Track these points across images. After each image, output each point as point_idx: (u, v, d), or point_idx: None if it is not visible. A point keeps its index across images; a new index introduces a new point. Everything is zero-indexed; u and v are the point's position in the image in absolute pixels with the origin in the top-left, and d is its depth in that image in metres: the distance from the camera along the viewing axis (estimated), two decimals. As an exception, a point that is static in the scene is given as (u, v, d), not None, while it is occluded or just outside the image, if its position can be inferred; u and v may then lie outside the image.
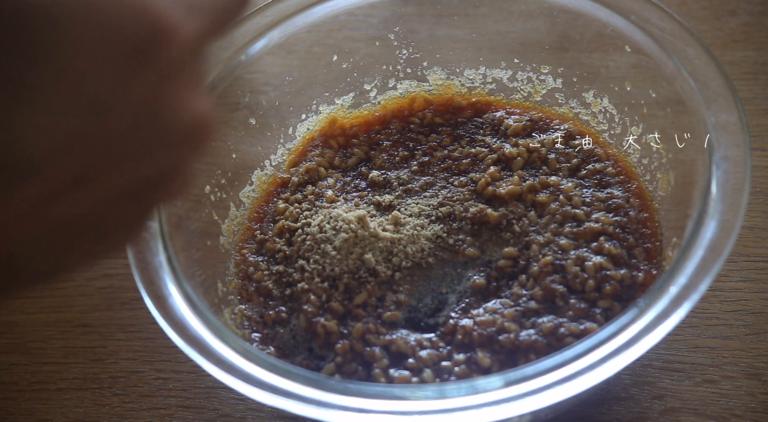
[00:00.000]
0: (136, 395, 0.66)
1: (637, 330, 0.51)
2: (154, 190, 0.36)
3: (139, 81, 0.32)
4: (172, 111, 0.34)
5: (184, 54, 0.33)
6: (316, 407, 0.50)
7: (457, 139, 0.71)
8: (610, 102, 0.70)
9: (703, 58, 0.61)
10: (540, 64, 0.73)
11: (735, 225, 0.54)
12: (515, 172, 0.67)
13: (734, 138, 0.57)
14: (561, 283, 0.60)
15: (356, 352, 0.59)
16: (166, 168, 0.35)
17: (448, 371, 0.58)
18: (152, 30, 0.32)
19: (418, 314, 0.62)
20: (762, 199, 0.71)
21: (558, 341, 0.58)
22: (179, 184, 0.37)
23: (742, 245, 0.68)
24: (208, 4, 0.35)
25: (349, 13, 0.72)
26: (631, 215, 0.64)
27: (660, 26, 0.63)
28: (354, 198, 0.68)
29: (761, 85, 0.78)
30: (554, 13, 0.70)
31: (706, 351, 0.64)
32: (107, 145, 0.32)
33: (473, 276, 0.62)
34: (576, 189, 0.66)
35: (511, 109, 0.72)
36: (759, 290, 0.66)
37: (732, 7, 0.83)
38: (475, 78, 0.74)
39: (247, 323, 0.62)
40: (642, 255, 0.62)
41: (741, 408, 0.61)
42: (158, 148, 0.34)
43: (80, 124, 0.31)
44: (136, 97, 0.32)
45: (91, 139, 0.32)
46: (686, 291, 0.52)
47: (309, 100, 0.73)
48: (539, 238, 0.63)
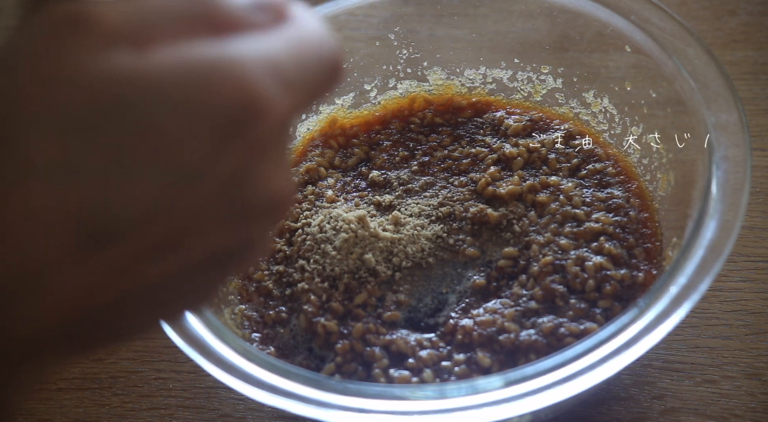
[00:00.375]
0: (136, 395, 0.66)
1: (637, 330, 0.51)
2: (229, 261, 0.36)
3: (231, 153, 0.32)
4: (259, 185, 0.34)
5: (275, 128, 0.34)
6: (316, 407, 0.50)
7: (457, 139, 0.71)
8: (610, 102, 0.70)
9: (703, 58, 0.61)
10: (540, 64, 0.73)
11: (735, 225, 0.54)
12: (515, 172, 0.67)
13: (734, 138, 0.57)
14: (561, 283, 0.60)
15: (356, 352, 0.59)
16: (244, 239, 0.36)
17: (448, 371, 0.58)
18: (249, 104, 0.32)
19: (418, 314, 0.62)
20: (762, 198, 0.71)
21: (558, 341, 0.58)
22: (253, 255, 0.37)
23: (742, 245, 0.68)
24: (304, 80, 0.35)
25: (349, 13, 0.72)
26: (631, 215, 0.64)
27: (660, 26, 0.63)
28: (354, 198, 0.68)
29: (761, 85, 0.78)
30: (554, 13, 0.70)
31: (706, 351, 0.64)
32: (193, 213, 0.33)
33: (473, 276, 0.62)
34: (576, 189, 0.66)
35: (511, 109, 0.72)
36: (759, 290, 0.66)
37: (732, 7, 0.83)
38: (475, 78, 0.74)
39: (247, 323, 0.62)
40: (642, 255, 0.62)
41: (741, 408, 0.61)
42: (241, 220, 0.35)
43: (170, 190, 0.32)
44: (226, 168, 0.33)
45: (179, 207, 0.32)
46: (686, 291, 0.52)
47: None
48: (539, 238, 0.63)
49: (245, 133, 0.32)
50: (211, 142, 0.32)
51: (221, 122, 0.32)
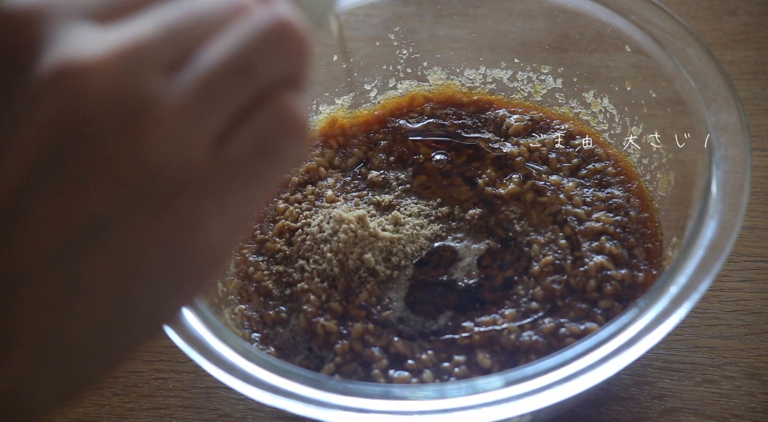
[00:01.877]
0: (136, 395, 0.66)
1: (637, 330, 0.51)
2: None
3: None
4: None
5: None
6: (316, 407, 0.50)
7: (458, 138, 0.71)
8: (610, 102, 0.70)
9: (703, 58, 0.61)
10: (540, 64, 0.73)
11: (735, 225, 0.54)
12: (515, 171, 0.67)
13: (734, 138, 0.57)
14: (561, 283, 0.60)
15: (356, 352, 0.59)
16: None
17: (448, 372, 0.58)
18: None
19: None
20: (762, 198, 0.71)
21: (558, 341, 0.58)
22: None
23: (742, 245, 0.68)
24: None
25: (349, 13, 0.72)
26: (632, 215, 0.64)
27: (660, 26, 0.63)
28: (354, 198, 0.68)
29: (761, 85, 0.78)
30: (554, 13, 0.70)
31: (706, 351, 0.64)
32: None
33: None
34: (576, 188, 0.66)
35: (512, 109, 0.72)
36: (759, 290, 0.66)
37: (732, 7, 0.83)
38: (475, 78, 0.74)
39: (247, 323, 0.62)
40: (642, 255, 0.62)
41: (741, 408, 0.61)
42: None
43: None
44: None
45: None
46: (686, 291, 0.52)
47: (309, 100, 0.73)
48: (539, 238, 0.63)
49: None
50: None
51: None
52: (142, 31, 0.32)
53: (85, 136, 0.31)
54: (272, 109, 0.33)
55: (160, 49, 0.32)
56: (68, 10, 0.32)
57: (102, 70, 0.31)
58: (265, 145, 0.33)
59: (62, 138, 0.30)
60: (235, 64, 0.32)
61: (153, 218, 0.32)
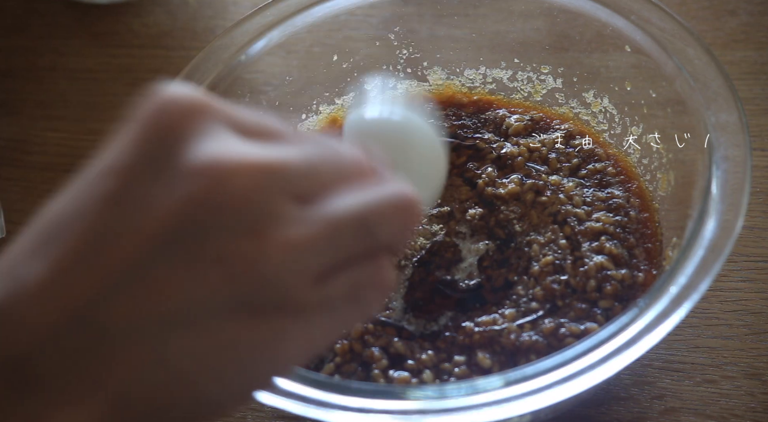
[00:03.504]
0: (136, 395, 0.66)
1: (637, 330, 0.51)
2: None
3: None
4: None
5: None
6: (316, 407, 0.50)
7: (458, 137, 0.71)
8: (610, 102, 0.70)
9: (703, 58, 0.61)
10: (540, 64, 0.73)
11: (735, 225, 0.54)
12: (515, 171, 0.67)
13: (734, 138, 0.57)
14: (561, 283, 0.60)
15: (355, 352, 0.59)
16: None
17: (448, 372, 0.58)
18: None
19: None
20: (762, 198, 0.71)
21: (558, 341, 0.58)
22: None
23: (742, 245, 0.68)
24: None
25: (349, 13, 0.72)
26: (632, 215, 0.64)
27: (660, 26, 0.63)
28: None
29: (761, 85, 0.78)
30: (554, 13, 0.70)
31: (706, 351, 0.64)
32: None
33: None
34: (576, 188, 0.66)
35: (512, 109, 0.72)
36: (759, 290, 0.66)
37: (732, 7, 0.83)
38: (475, 78, 0.74)
39: (247, 323, 0.62)
40: (642, 255, 0.62)
41: (741, 408, 0.61)
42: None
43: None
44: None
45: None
46: (686, 291, 0.52)
47: (309, 100, 0.73)
48: (539, 238, 0.63)
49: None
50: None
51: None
52: (288, 157, 0.35)
53: (216, 225, 0.34)
54: (372, 265, 0.38)
55: (300, 178, 0.36)
56: (221, 117, 0.36)
57: (247, 175, 0.34)
58: (357, 294, 0.37)
59: (195, 219, 0.34)
60: (363, 221, 0.37)
61: (250, 320, 0.35)
